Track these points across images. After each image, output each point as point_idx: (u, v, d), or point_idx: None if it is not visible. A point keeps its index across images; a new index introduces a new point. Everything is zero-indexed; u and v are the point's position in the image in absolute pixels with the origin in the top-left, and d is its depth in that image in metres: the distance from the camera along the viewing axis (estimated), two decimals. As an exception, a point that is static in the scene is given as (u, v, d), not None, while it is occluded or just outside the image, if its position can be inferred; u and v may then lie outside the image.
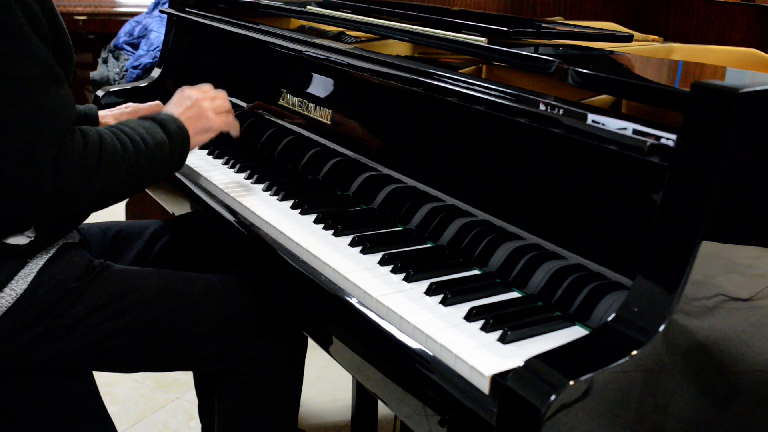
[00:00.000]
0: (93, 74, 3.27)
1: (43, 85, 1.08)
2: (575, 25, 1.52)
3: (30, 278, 1.16)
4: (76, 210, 1.16)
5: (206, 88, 1.42)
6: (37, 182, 1.06)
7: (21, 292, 1.15)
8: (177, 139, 1.27)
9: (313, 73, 1.52)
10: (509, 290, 1.02)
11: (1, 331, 1.14)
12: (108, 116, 1.62)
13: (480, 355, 0.86)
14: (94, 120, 1.58)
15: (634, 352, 0.76)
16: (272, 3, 1.85)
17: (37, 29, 1.09)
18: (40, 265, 1.17)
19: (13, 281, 1.15)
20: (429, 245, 1.17)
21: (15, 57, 1.06)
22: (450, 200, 1.16)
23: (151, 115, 1.29)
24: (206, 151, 1.65)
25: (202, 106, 1.36)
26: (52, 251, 1.20)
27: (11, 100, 1.05)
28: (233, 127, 1.43)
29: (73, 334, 1.19)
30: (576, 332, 0.91)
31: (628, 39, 1.38)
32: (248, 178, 1.45)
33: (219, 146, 1.62)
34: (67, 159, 1.08)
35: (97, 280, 1.22)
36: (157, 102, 1.72)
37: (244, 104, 1.76)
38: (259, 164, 1.51)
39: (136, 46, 3.14)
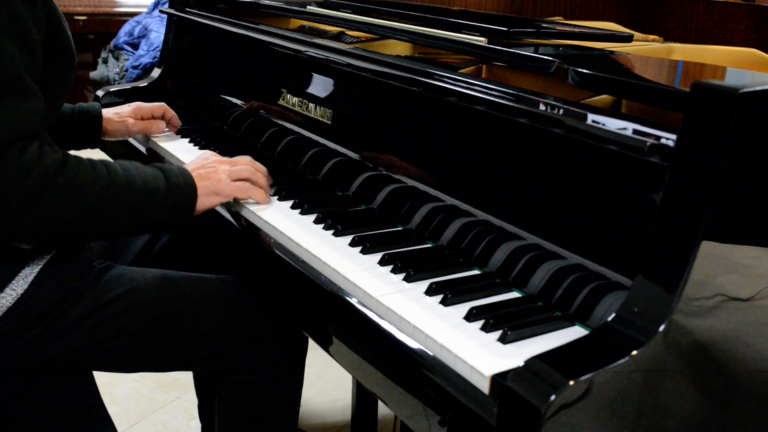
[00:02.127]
0: (93, 74, 3.27)
1: None
2: (575, 25, 1.52)
3: (30, 278, 1.16)
4: (24, 231, 1.08)
5: (246, 160, 1.35)
6: None
7: (21, 292, 1.15)
8: (178, 192, 1.21)
9: (313, 73, 1.53)
10: (509, 290, 1.02)
11: (2, 331, 1.14)
12: (110, 113, 1.63)
13: (480, 355, 0.86)
14: (97, 117, 1.59)
15: (634, 352, 0.76)
16: (272, 3, 1.85)
17: (18, 35, 1.06)
18: (40, 266, 1.17)
19: (13, 281, 1.15)
20: (429, 245, 1.17)
21: None
22: (450, 200, 1.16)
23: (160, 165, 1.24)
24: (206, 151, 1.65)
25: (219, 168, 1.29)
26: (53, 252, 1.20)
27: None
28: (254, 196, 1.31)
29: (73, 334, 1.19)
30: (576, 332, 0.91)
31: (628, 39, 1.38)
32: (248, 178, 1.45)
33: (219, 146, 1.62)
34: (3, 174, 1.02)
35: (97, 280, 1.22)
36: (162, 103, 1.72)
37: (244, 104, 1.76)
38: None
39: (136, 46, 3.15)
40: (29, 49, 1.08)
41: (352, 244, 1.16)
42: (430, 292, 1.00)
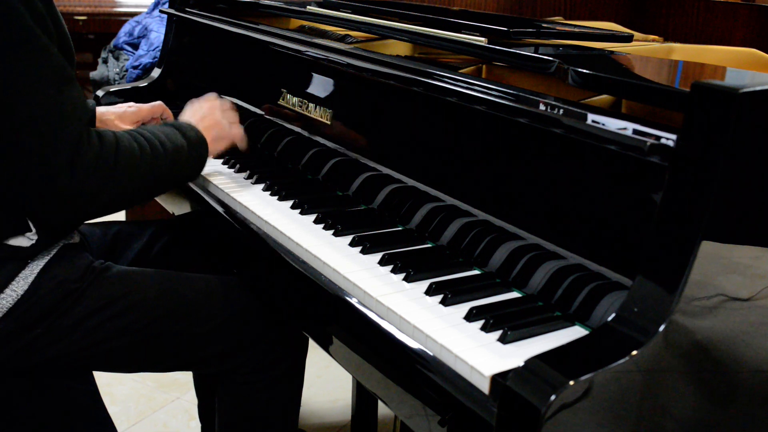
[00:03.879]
0: (93, 74, 3.27)
1: (57, 86, 1.09)
2: (575, 25, 1.52)
3: (31, 279, 1.16)
4: (95, 211, 1.16)
5: (212, 97, 1.47)
6: (54, 184, 1.07)
7: (22, 293, 1.15)
8: (195, 145, 1.30)
9: (313, 73, 1.53)
10: (509, 290, 1.02)
11: (2, 332, 1.14)
12: (110, 113, 1.61)
13: (480, 355, 0.86)
14: (91, 122, 1.58)
15: (634, 352, 0.76)
16: (272, 3, 1.85)
17: (44, 30, 1.10)
18: (40, 266, 1.17)
19: (14, 282, 1.14)
20: (429, 245, 1.17)
21: (28, 59, 1.06)
22: (450, 200, 1.16)
23: (171, 122, 1.33)
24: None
25: (216, 115, 1.41)
26: (53, 252, 1.20)
27: (27, 102, 1.06)
28: (242, 139, 1.48)
29: (73, 335, 1.18)
30: (576, 332, 0.91)
31: (628, 39, 1.38)
32: (248, 177, 1.45)
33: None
34: (84, 160, 1.09)
35: (97, 281, 1.22)
36: (159, 102, 1.71)
37: (244, 104, 1.76)
38: (259, 164, 1.51)
39: (136, 46, 3.14)
40: (53, 42, 1.12)
41: (352, 244, 1.15)
42: (430, 292, 1.00)
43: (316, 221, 1.24)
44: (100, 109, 1.59)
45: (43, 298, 1.16)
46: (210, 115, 1.40)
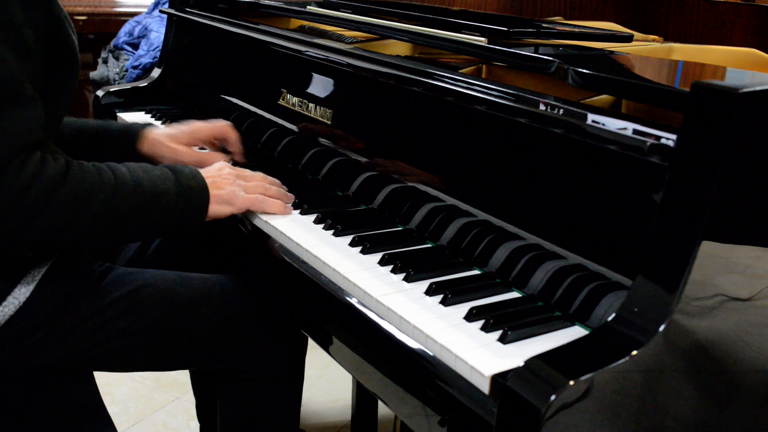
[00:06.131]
0: (93, 74, 3.27)
1: None
2: (575, 25, 1.52)
3: (33, 286, 1.14)
4: (26, 248, 1.05)
5: (259, 176, 1.31)
6: None
7: (24, 300, 1.13)
8: (189, 195, 1.17)
9: (313, 73, 1.53)
10: (509, 290, 1.02)
11: (3, 338, 1.13)
12: (162, 136, 1.47)
13: (480, 355, 0.86)
14: (132, 141, 1.46)
15: (634, 352, 0.76)
16: (272, 3, 1.85)
17: (12, 38, 1.02)
18: (42, 273, 1.15)
19: (15, 290, 1.13)
20: (429, 245, 1.17)
21: None
22: (450, 200, 1.16)
23: (172, 165, 1.20)
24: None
25: (235, 180, 1.25)
26: (54, 257, 1.19)
27: None
28: (269, 208, 1.26)
29: (74, 336, 1.18)
30: (576, 332, 0.91)
31: (628, 39, 1.38)
32: (248, 178, 1.45)
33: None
34: (5, 190, 0.98)
35: (98, 283, 1.22)
36: (223, 124, 1.54)
37: (244, 104, 1.76)
38: (259, 164, 1.51)
39: (136, 46, 3.15)
40: (24, 52, 1.04)
41: (352, 244, 1.15)
42: (430, 292, 1.00)
43: (316, 221, 1.24)
44: (152, 130, 1.47)
45: (45, 303, 1.15)
46: (227, 177, 1.24)
